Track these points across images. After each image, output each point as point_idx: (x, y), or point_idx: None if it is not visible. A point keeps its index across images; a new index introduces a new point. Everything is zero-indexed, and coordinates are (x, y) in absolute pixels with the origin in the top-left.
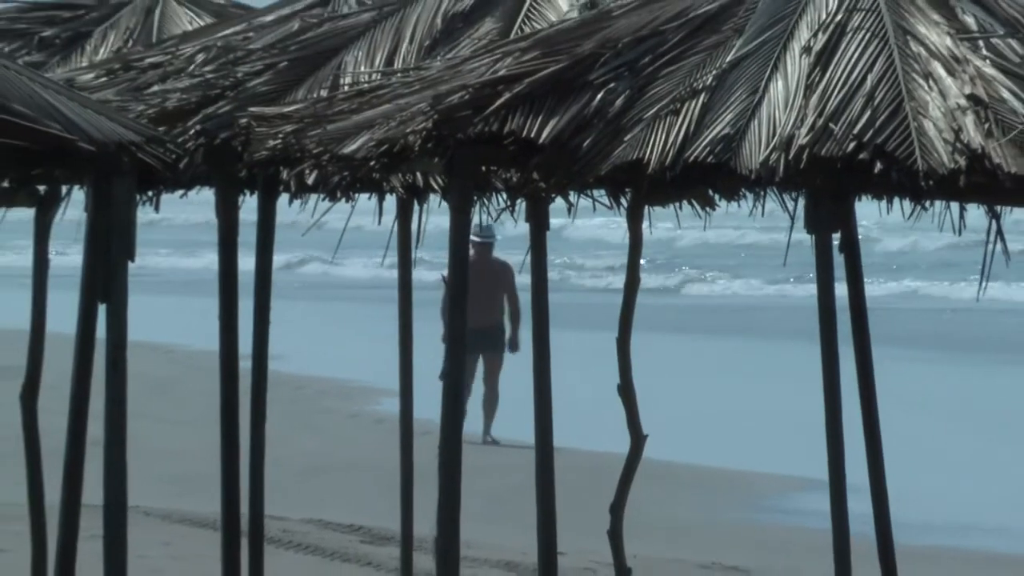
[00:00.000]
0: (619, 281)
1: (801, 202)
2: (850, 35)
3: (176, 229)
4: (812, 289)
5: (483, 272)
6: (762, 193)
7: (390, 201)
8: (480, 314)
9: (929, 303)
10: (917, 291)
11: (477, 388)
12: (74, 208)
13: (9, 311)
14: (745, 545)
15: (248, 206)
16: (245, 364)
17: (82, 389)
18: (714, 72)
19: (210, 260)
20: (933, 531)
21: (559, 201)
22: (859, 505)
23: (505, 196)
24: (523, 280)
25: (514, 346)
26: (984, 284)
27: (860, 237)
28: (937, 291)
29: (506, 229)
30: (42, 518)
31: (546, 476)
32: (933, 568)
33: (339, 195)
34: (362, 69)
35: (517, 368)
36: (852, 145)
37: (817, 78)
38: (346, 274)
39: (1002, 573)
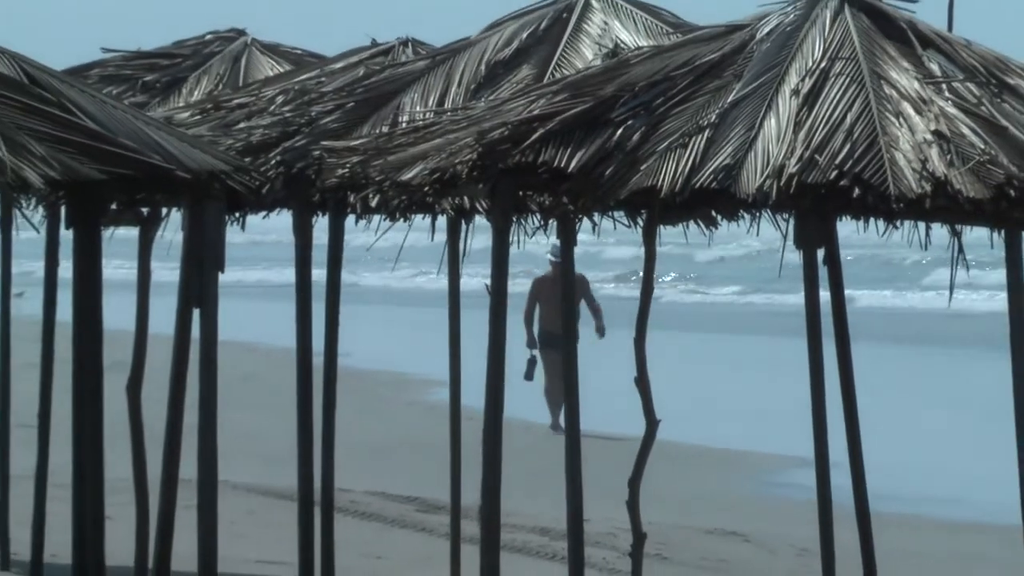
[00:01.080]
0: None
1: (791, 222)
2: (832, 80)
3: (256, 247)
4: (799, 296)
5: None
6: (757, 214)
7: (441, 221)
8: (557, 320)
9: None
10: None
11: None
12: (172, 227)
13: (117, 315)
14: (744, 513)
15: (319, 226)
16: (317, 360)
17: (179, 381)
18: (717, 111)
19: (287, 272)
20: (902, 500)
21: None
22: (840, 478)
23: (539, 217)
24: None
25: (601, 332)
26: (952, 289)
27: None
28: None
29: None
30: (145, 491)
31: (574, 455)
32: (901, 531)
33: (398, 216)
34: (417, 109)
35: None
36: (834, 173)
37: (804, 116)
38: (365, 284)
39: (958, 538)
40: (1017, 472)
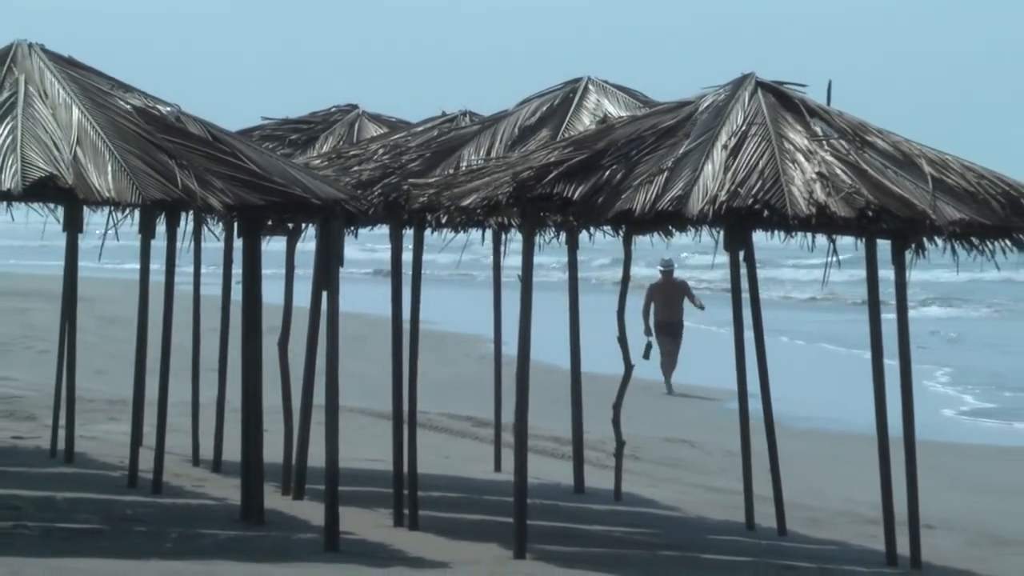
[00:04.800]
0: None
1: (722, 233)
2: (750, 138)
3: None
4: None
5: (669, 288)
6: (699, 228)
7: (488, 233)
8: (668, 314)
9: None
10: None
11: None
12: (308, 237)
13: (272, 296)
14: (690, 427)
15: (407, 236)
16: (405, 325)
17: (313, 340)
18: (673, 159)
19: (385, 264)
20: (797, 419)
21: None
22: (755, 404)
23: (554, 230)
24: (556, 277)
25: (702, 307)
26: (826, 278)
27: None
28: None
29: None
30: (290, 413)
31: (576, 387)
32: (797, 439)
33: (459, 229)
34: (472, 158)
35: (558, 326)
36: (751, 200)
37: (731, 162)
38: (438, 273)
39: (840, 444)
40: (873, 399)
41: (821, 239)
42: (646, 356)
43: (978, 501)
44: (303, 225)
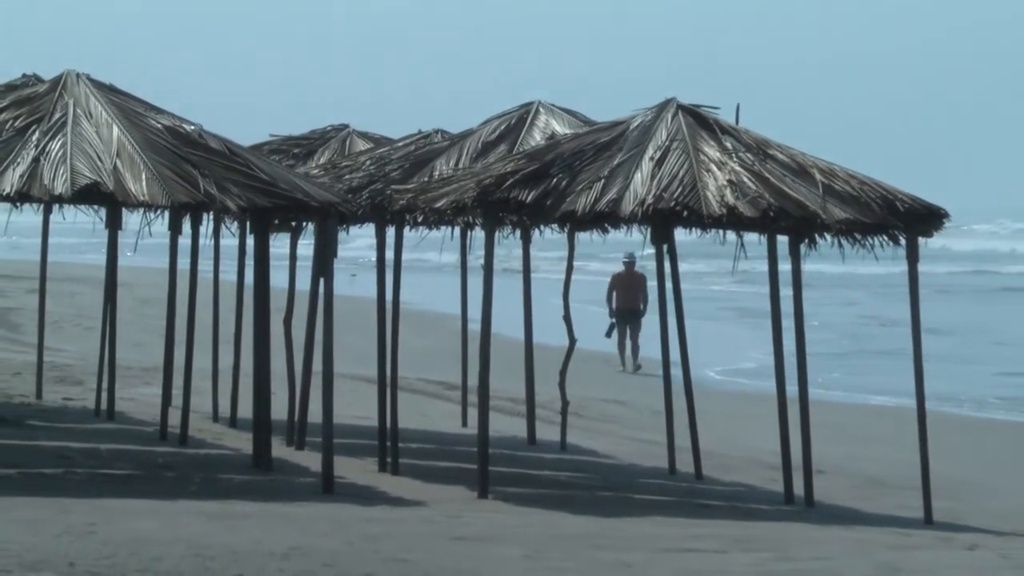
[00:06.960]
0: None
1: (649, 230)
2: (672, 151)
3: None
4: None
5: (630, 279)
6: (631, 226)
7: (456, 230)
8: (629, 301)
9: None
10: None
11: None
12: (307, 234)
13: (278, 281)
14: (623, 390)
15: (389, 233)
16: (388, 306)
17: (312, 319)
18: (609, 169)
19: (371, 256)
20: (713, 380)
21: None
22: (676, 370)
23: (511, 228)
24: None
25: (643, 314)
26: (735, 267)
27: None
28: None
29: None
30: (293, 377)
31: (529, 355)
32: (711, 399)
33: (432, 226)
34: (443, 168)
35: (515, 309)
36: (673, 203)
37: (656, 171)
38: (415, 263)
39: (741, 402)
40: (773, 364)
41: (731, 235)
42: (608, 335)
43: (858, 450)
44: (304, 224)
